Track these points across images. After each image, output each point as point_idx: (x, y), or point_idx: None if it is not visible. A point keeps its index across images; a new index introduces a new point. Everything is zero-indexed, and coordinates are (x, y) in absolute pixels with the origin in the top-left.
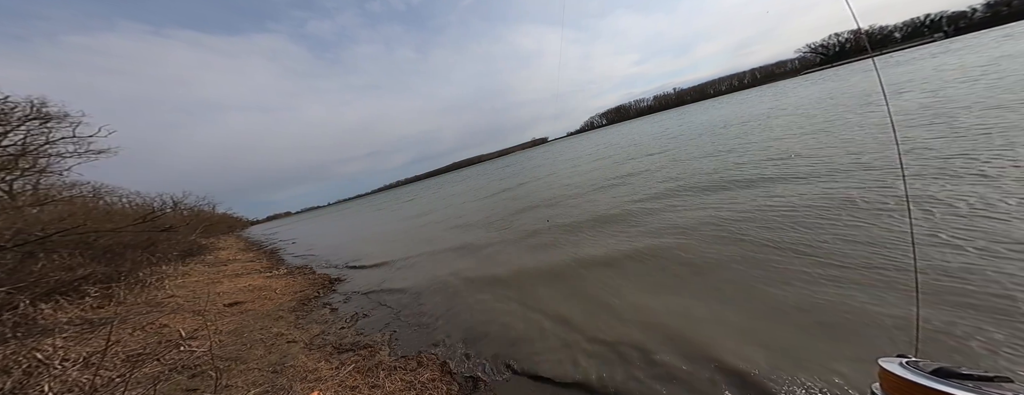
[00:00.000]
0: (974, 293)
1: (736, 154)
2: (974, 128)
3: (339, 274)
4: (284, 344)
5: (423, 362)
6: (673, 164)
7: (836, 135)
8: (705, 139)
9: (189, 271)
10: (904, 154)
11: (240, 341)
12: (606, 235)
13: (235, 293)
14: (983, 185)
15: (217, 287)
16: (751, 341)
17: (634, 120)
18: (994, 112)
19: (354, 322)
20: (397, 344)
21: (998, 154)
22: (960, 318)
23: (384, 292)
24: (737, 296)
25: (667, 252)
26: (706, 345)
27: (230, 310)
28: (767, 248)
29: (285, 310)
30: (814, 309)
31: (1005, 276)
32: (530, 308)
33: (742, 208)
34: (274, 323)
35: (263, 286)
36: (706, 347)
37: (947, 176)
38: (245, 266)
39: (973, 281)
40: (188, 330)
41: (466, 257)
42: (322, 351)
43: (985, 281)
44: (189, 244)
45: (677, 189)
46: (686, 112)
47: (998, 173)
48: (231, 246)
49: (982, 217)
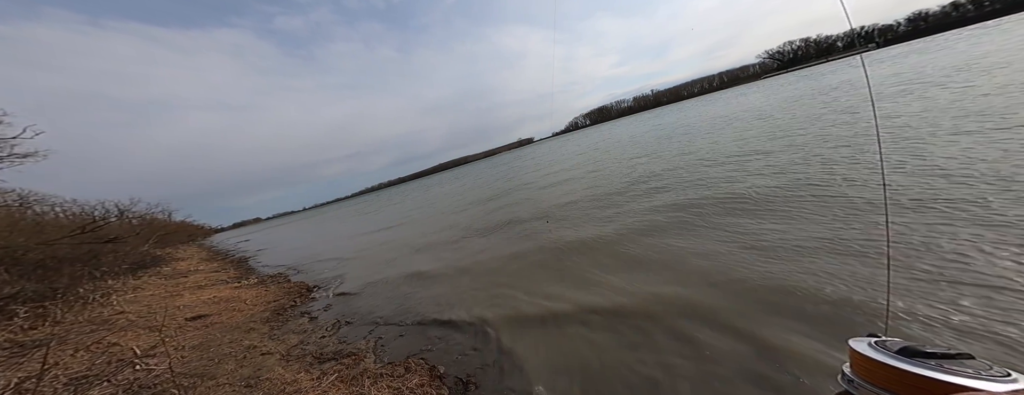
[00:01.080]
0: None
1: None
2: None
3: (317, 281)
4: (257, 357)
5: (411, 367)
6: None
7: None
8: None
9: (141, 285)
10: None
11: (206, 356)
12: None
13: (198, 306)
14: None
15: (176, 300)
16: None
17: (616, 120)
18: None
19: (336, 330)
20: (383, 350)
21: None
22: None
23: (365, 296)
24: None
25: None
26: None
27: (192, 324)
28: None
29: (257, 321)
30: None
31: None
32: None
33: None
34: (245, 336)
35: (231, 297)
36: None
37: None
38: (209, 277)
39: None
40: (143, 347)
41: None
42: (301, 362)
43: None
44: (140, 255)
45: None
46: (663, 113)
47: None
48: (192, 256)
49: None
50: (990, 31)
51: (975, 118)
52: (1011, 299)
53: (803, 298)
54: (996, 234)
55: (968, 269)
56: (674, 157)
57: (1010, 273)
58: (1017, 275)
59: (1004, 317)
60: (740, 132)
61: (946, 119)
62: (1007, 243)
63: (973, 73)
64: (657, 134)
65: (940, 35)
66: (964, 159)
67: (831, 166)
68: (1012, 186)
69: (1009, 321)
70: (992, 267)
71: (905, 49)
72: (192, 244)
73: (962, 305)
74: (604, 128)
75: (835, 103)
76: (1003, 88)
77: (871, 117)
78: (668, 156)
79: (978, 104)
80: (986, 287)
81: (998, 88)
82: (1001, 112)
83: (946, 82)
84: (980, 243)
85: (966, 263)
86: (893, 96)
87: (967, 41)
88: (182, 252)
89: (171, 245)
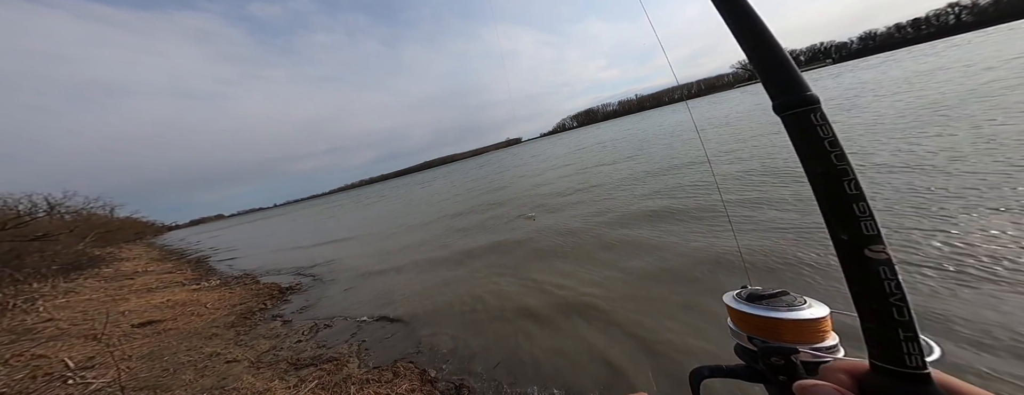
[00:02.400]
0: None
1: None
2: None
3: (293, 281)
4: (221, 365)
5: (400, 372)
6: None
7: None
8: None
9: (76, 288)
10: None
11: (159, 366)
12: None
13: (148, 311)
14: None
15: (121, 305)
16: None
17: (601, 123)
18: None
19: (314, 333)
20: (368, 354)
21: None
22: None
23: (346, 298)
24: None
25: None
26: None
27: (141, 331)
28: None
29: (221, 326)
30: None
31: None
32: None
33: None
34: (206, 342)
35: (188, 301)
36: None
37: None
38: (161, 278)
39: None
40: (79, 359)
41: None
42: (274, 368)
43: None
44: (75, 255)
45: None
46: (647, 116)
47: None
48: (140, 256)
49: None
50: (925, 51)
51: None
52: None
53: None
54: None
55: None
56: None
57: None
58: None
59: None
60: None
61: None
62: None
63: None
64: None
65: (886, 53)
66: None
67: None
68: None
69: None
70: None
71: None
72: (140, 243)
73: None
74: (590, 130)
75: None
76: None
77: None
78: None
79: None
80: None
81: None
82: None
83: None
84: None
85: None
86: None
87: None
88: (128, 252)
89: (114, 244)
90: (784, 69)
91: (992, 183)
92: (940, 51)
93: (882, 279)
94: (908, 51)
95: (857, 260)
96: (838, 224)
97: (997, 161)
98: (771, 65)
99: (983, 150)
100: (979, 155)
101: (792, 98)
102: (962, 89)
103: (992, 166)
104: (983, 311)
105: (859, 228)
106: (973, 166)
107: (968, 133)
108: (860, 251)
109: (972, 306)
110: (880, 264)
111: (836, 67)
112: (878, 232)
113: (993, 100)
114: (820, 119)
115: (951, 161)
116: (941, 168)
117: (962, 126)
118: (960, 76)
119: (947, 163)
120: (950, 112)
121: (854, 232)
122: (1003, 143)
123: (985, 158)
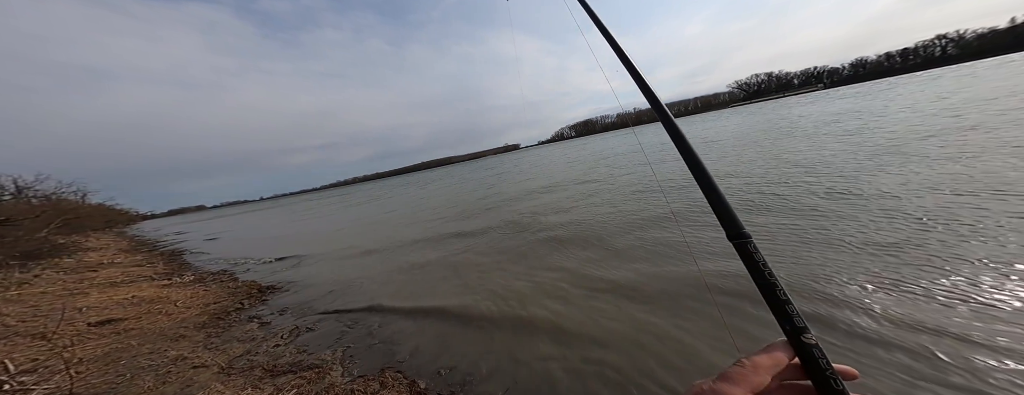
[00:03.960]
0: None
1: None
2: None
3: (274, 280)
4: (187, 370)
5: (387, 382)
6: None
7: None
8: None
9: (31, 279)
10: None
11: (114, 371)
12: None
13: (109, 308)
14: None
15: (79, 301)
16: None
17: (600, 134)
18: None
19: (294, 337)
20: (353, 362)
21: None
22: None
23: (332, 299)
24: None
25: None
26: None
27: (98, 331)
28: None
29: (190, 327)
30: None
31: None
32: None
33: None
34: (172, 345)
35: (156, 297)
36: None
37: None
38: (127, 272)
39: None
40: (21, 361)
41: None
42: (248, 376)
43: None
44: (36, 243)
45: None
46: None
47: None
48: (108, 246)
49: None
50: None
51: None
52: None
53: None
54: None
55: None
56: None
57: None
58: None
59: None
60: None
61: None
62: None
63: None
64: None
65: (877, 80)
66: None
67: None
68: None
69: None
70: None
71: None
72: (110, 232)
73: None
74: (589, 141)
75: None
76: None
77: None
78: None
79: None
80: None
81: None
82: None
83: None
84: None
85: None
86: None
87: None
88: (96, 241)
89: (81, 232)
90: (728, 212)
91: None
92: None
93: (816, 357)
94: (889, 81)
95: (798, 344)
96: (780, 319)
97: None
98: (719, 205)
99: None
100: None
101: (734, 232)
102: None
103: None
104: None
105: (793, 322)
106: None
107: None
108: (798, 338)
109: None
110: (813, 347)
111: (823, 92)
112: (805, 325)
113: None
114: (754, 248)
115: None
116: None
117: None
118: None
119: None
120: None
121: (791, 325)
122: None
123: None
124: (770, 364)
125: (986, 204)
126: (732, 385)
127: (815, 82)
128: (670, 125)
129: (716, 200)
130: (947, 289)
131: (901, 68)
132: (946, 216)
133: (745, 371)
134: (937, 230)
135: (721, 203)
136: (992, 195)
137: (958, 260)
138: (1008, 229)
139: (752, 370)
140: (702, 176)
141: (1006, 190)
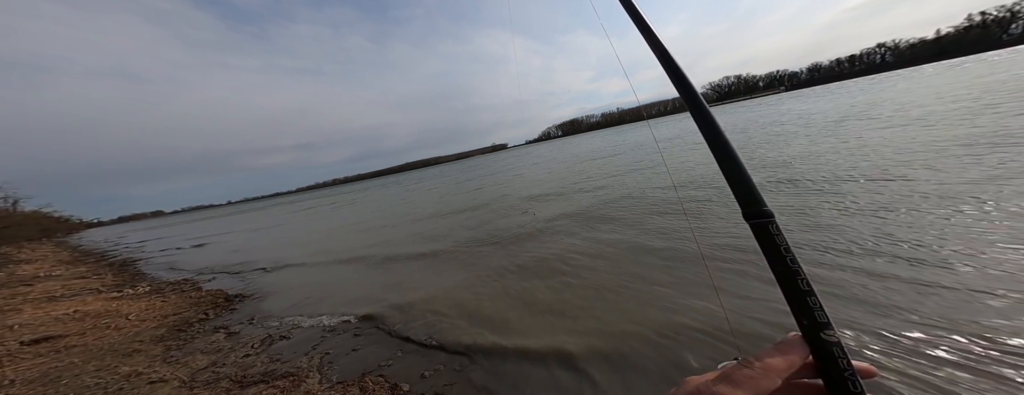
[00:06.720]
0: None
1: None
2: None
3: (243, 288)
4: (143, 386)
5: (367, 387)
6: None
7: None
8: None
9: None
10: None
11: (54, 391)
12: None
13: (46, 324)
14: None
15: (11, 317)
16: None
17: (585, 133)
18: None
19: (267, 346)
20: (331, 368)
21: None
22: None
23: (307, 304)
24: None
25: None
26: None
27: (32, 350)
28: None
29: (146, 341)
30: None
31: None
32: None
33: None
34: (124, 361)
35: (103, 311)
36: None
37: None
38: (69, 285)
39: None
40: None
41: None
42: (213, 388)
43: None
44: None
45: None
46: (625, 131)
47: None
48: (46, 257)
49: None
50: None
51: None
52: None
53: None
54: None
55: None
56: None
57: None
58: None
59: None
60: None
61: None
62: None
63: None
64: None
65: (826, 85)
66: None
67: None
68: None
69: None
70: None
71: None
72: (48, 242)
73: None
74: (574, 139)
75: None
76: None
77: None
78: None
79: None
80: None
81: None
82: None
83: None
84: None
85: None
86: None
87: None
88: (30, 252)
89: (12, 243)
90: (748, 188)
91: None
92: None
93: (836, 357)
94: (840, 84)
95: (816, 341)
96: (798, 313)
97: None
98: (738, 180)
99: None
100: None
101: (753, 210)
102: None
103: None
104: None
105: (814, 317)
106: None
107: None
108: (817, 334)
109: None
110: (833, 345)
111: (787, 93)
112: (828, 320)
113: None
114: (776, 230)
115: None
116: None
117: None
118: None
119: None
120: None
121: (811, 319)
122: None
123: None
124: (784, 367)
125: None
126: (734, 388)
127: (777, 85)
128: (685, 88)
129: (735, 171)
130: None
131: (850, 73)
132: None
133: (753, 373)
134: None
135: (740, 175)
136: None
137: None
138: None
139: (762, 373)
140: (720, 146)
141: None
